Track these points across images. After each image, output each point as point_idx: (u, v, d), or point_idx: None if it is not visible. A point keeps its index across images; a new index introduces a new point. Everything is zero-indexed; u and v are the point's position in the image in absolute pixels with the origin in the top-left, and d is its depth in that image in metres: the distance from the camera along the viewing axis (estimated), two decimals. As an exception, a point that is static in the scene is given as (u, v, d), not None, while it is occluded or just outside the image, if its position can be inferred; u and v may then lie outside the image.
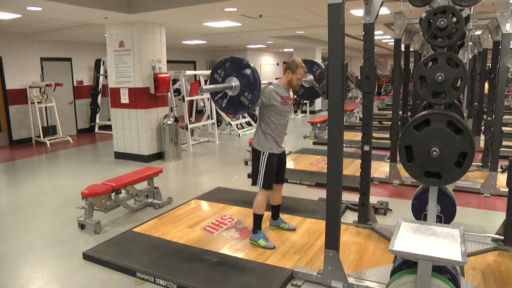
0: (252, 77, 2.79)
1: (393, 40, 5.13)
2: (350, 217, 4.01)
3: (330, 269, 2.77)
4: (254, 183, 3.43)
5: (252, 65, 2.84)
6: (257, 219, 3.46)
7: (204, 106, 9.38)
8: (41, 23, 7.32)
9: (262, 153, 3.36)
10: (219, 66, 2.96)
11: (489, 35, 5.49)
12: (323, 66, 3.90)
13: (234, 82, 2.85)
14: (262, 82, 3.07)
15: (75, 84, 10.43)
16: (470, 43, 6.82)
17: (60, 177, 6.16)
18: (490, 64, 5.71)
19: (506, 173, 3.13)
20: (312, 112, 13.77)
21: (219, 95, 2.91)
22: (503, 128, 4.55)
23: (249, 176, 3.46)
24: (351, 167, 6.01)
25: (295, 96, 3.89)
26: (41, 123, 9.03)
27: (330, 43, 2.54)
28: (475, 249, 3.28)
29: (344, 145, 3.19)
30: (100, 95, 10.66)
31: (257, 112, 11.69)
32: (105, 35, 7.12)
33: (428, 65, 2.53)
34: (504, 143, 4.66)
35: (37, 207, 4.75)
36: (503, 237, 3.30)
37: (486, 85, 6.50)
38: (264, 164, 3.34)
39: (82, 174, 6.30)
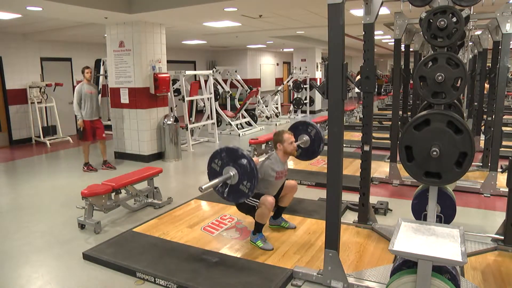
0: (248, 167, 2.88)
1: (393, 40, 5.13)
2: (350, 217, 4.01)
3: (330, 269, 2.77)
4: (253, 211, 3.36)
5: (246, 154, 2.92)
6: (259, 225, 3.46)
7: (204, 106, 9.38)
8: (41, 23, 7.33)
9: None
10: (216, 156, 3.05)
11: (489, 35, 5.49)
12: (317, 126, 4.13)
13: (232, 171, 2.94)
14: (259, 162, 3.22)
15: (75, 84, 10.40)
16: (470, 43, 6.82)
17: (60, 177, 6.16)
18: (490, 64, 5.71)
19: (506, 173, 3.13)
20: (312, 112, 13.77)
21: (219, 185, 3.01)
22: (503, 128, 4.55)
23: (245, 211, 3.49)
24: (351, 167, 6.01)
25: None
26: (41, 123, 9.03)
27: (330, 43, 2.54)
28: (475, 249, 3.28)
29: (344, 145, 3.19)
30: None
31: (256, 112, 11.70)
32: (105, 35, 7.12)
33: (428, 65, 2.53)
34: (504, 143, 4.66)
35: (37, 207, 4.75)
36: (503, 237, 3.30)
37: (486, 85, 6.50)
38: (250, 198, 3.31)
39: (82, 174, 6.30)
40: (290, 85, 13.56)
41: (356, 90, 14.40)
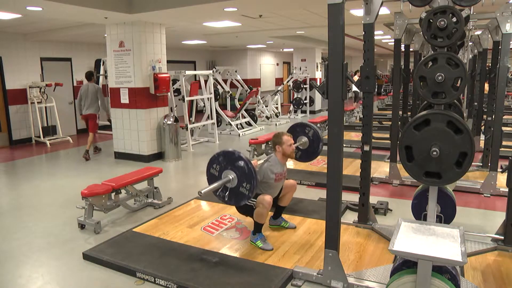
0: (246, 168, 2.89)
1: (393, 40, 5.13)
2: (350, 217, 4.01)
3: (330, 269, 2.77)
4: (251, 211, 3.36)
5: (243, 156, 2.93)
6: (258, 225, 3.46)
7: (204, 106, 9.38)
8: (41, 23, 7.33)
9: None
10: (213, 161, 3.05)
11: (489, 35, 5.49)
12: (315, 126, 4.15)
13: (231, 175, 2.95)
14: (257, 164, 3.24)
15: (75, 84, 10.42)
16: (470, 43, 6.82)
17: (60, 177, 6.16)
18: (490, 64, 5.71)
19: (506, 173, 3.13)
20: (312, 112, 13.78)
21: (220, 189, 3.02)
22: (503, 128, 4.55)
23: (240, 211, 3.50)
24: (351, 167, 6.01)
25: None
26: (41, 123, 9.03)
27: (330, 43, 2.54)
28: (475, 249, 3.28)
29: (344, 145, 3.19)
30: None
31: (256, 112, 11.71)
32: (105, 35, 7.12)
33: (428, 65, 2.53)
34: (504, 143, 4.66)
35: (37, 207, 4.75)
36: (503, 237, 3.30)
37: (486, 85, 6.50)
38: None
39: (82, 174, 6.30)
40: (290, 85, 13.57)
41: (354, 89, 14.39)
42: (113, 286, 2.96)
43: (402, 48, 5.18)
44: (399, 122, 5.26)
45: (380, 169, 5.91)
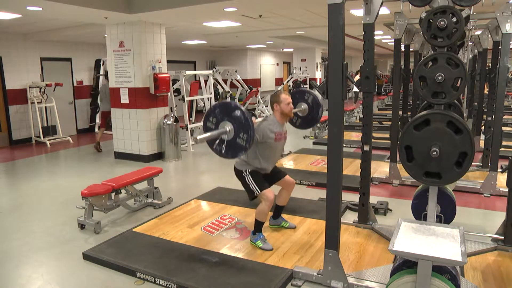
0: (243, 118, 2.83)
1: (393, 40, 5.13)
2: (350, 217, 4.01)
3: (330, 269, 2.77)
4: (252, 196, 3.39)
5: (240, 106, 2.89)
6: (258, 224, 3.46)
7: (204, 106, 9.38)
8: (41, 23, 7.33)
9: (243, 171, 3.39)
10: (209, 113, 3.00)
11: (489, 35, 5.49)
12: (314, 92, 4.04)
13: (228, 126, 2.89)
14: (256, 121, 3.12)
15: (75, 84, 10.43)
16: (470, 43, 6.82)
17: (60, 177, 6.16)
18: (490, 64, 5.71)
19: (506, 173, 3.13)
20: (312, 112, 13.75)
21: (216, 143, 2.96)
22: (503, 128, 4.55)
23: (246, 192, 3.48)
24: (351, 167, 6.01)
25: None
26: (41, 123, 9.03)
27: (330, 43, 2.54)
28: (475, 249, 3.28)
29: (344, 145, 3.19)
30: (100, 95, 10.65)
31: (256, 112, 11.70)
32: (105, 35, 7.12)
33: (428, 65, 2.53)
34: (504, 143, 4.66)
35: (37, 207, 4.75)
36: (503, 237, 3.31)
37: (486, 85, 6.50)
38: (250, 177, 3.35)
39: (82, 174, 6.30)
40: (290, 85, 13.57)
41: (355, 89, 14.41)
42: (113, 286, 2.96)
43: (402, 48, 5.18)
44: (399, 122, 5.26)
45: (380, 169, 5.91)
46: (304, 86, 13.18)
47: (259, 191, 3.32)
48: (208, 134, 2.85)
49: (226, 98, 11.22)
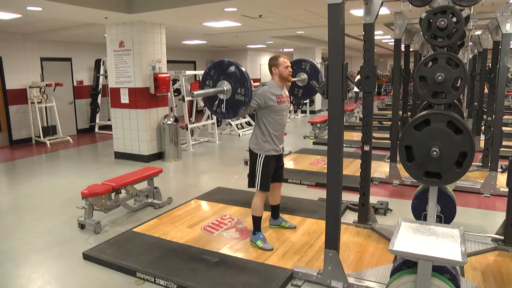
0: (238, 72, 2.81)
1: (393, 40, 5.13)
2: (350, 217, 4.01)
3: (330, 269, 2.77)
4: (251, 185, 3.40)
5: (233, 61, 2.86)
6: (256, 220, 3.46)
7: (204, 106, 9.37)
8: (41, 23, 7.33)
9: (258, 155, 3.34)
10: (205, 77, 2.99)
11: (489, 35, 5.49)
12: (310, 60, 3.99)
13: (225, 85, 2.88)
14: (254, 84, 3.10)
15: (75, 84, 10.43)
16: (470, 43, 6.82)
17: (60, 177, 6.16)
18: (490, 64, 5.71)
19: (506, 173, 3.13)
20: (312, 112, 13.78)
21: (216, 104, 2.94)
22: (503, 128, 4.55)
23: (248, 176, 3.46)
24: (351, 167, 6.01)
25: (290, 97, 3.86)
26: (41, 123, 9.03)
27: (330, 43, 2.54)
28: (475, 249, 3.28)
29: (344, 145, 3.18)
30: (100, 95, 10.66)
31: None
32: (105, 35, 7.12)
33: (428, 65, 2.53)
34: (504, 143, 4.66)
35: (37, 207, 4.75)
36: (503, 237, 3.30)
37: (486, 85, 6.50)
38: (261, 167, 3.32)
39: (82, 174, 6.30)
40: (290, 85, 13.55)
41: (355, 89, 14.39)
42: (113, 286, 2.96)
43: (402, 48, 5.18)
44: (399, 122, 5.26)
45: (380, 169, 5.91)
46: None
47: (258, 188, 3.34)
48: (204, 90, 2.84)
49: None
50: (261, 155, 3.32)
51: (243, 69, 2.84)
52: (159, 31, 6.98)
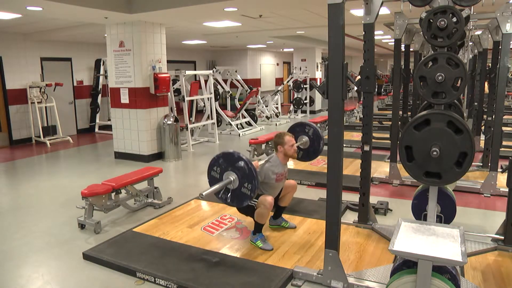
0: (247, 168, 2.90)
1: (393, 40, 5.13)
2: (350, 217, 4.01)
3: (330, 269, 2.77)
4: (252, 211, 3.35)
5: (243, 156, 2.94)
6: (258, 226, 3.46)
7: (204, 106, 9.38)
8: (41, 23, 7.33)
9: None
10: (214, 163, 3.06)
11: (489, 35, 5.49)
12: (314, 125, 4.13)
13: (232, 176, 2.96)
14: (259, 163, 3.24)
15: (75, 84, 10.42)
16: (470, 43, 6.81)
17: (60, 177, 6.16)
18: (490, 64, 5.71)
19: (506, 173, 3.13)
20: (312, 112, 13.78)
21: (221, 192, 3.03)
22: (503, 128, 4.55)
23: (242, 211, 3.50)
24: (351, 167, 6.01)
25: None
26: (41, 123, 9.03)
27: (330, 43, 2.54)
28: (475, 249, 3.28)
29: (344, 145, 3.18)
30: (100, 95, 10.66)
31: (257, 112, 11.70)
32: (105, 35, 7.12)
33: (428, 65, 2.53)
34: (504, 143, 4.66)
35: (37, 207, 4.75)
36: (503, 237, 3.30)
37: (486, 85, 6.50)
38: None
39: (82, 174, 6.30)
40: (290, 85, 13.57)
41: (356, 89, 14.41)
42: (113, 286, 2.96)
43: (402, 48, 5.18)
44: (399, 122, 5.26)
45: (380, 169, 5.91)
46: (304, 86, 13.17)
47: (256, 200, 3.32)
48: (213, 188, 2.93)
49: (226, 98, 11.22)
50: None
51: (252, 166, 2.91)
52: (159, 31, 6.98)
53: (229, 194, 3.00)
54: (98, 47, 10.58)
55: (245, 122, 10.74)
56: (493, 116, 4.66)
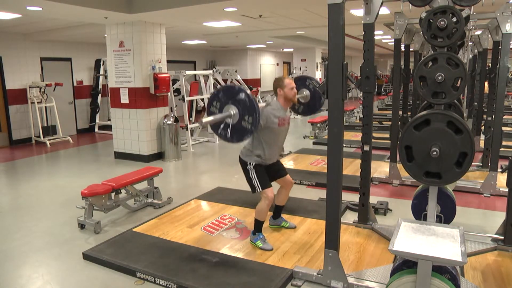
0: (247, 100, 2.81)
1: (393, 40, 5.13)
2: (350, 217, 4.01)
3: (330, 269, 2.77)
4: (253, 190, 3.39)
5: (244, 88, 2.87)
6: (258, 223, 3.46)
7: (204, 106, 9.38)
8: (41, 23, 7.33)
9: (248, 163, 3.37)
10: (213, 98, 2.97)
11: (489, 35, 5.49)
12: (316, 79, 4.01)
13: (232, 109, 2.86)
14: (260, 105, 3.10)
15: (75, 84, 10.43)
16: (470, 43, 6.82)
17: (60, 177, 6.16)
18: (490, 64, 5.71)
19: (506, 173, 3.13)
20: (312, 112, 13.75)
21: (221, 127, 2.92)
22: (503, 128, 4.55)
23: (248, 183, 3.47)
24: (351, 167, 6.01)
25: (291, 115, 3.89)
26: (41, 123, 9.03)
27: (330, 43, 2.54)
28: (475, 249, 3.28)
29: (344, 145, 3.19)
30: (100, 95, 10.66)
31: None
32: (105, 35, 7.12)
33: (428, 65, 2.53)
34: (504, 143, 4.66)
35: (37, 207, 4.75)
36: (503, 237, 3.30)
37: (486, 85, 6.50)
38: (254, 171, 3.34)
39: (82, 174, 6.30)
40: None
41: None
42: (113, 286, 2.96)
43: (402, 48, 5.18)
44: (399, 122, 5.26)
45: (380, 169, 5.91)
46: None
47: (260, 189, 3.32)
48: (213, 117, 2.81)
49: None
50: (251, 163, 3.36)
51: (253, 98, 2.84)
52: (159, 31, 6.98)
53: (229, 129, 2.88)
54: (98, 47, 10.58)
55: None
56: (493, 116, 4.66)
